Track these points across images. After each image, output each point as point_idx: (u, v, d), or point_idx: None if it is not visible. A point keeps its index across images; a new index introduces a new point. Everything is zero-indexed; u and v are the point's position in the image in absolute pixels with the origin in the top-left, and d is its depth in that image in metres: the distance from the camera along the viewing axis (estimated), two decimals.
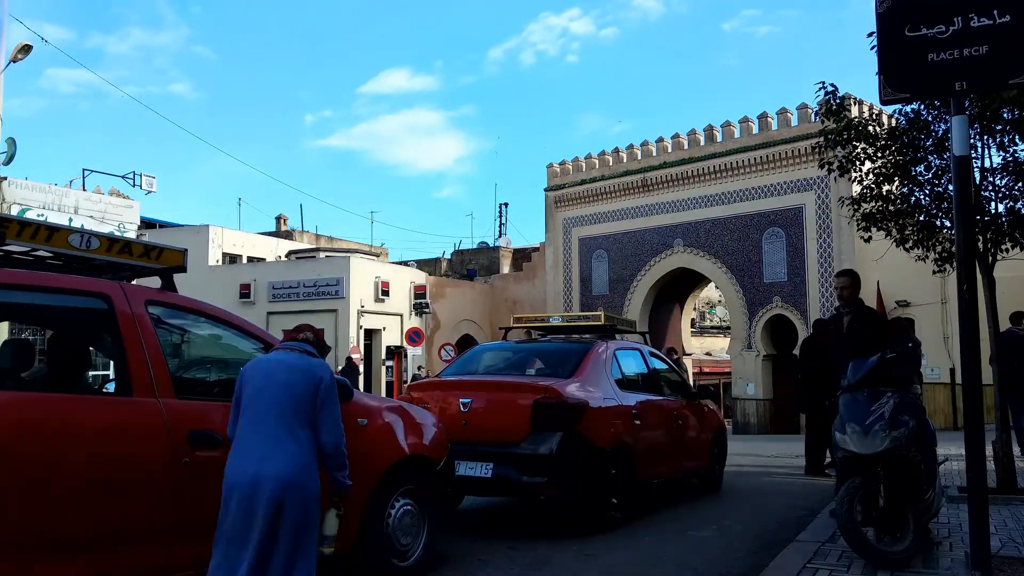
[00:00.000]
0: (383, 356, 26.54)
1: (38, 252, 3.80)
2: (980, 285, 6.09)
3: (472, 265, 37.41)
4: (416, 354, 26.12)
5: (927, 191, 8.00)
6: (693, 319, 36.45)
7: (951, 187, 6.28)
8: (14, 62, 15.97)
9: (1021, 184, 7.48)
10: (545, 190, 30.35)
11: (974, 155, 7.30)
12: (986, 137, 7.45)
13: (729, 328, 28.81)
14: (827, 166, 8.63)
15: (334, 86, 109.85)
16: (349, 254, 28.34)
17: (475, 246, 40.62)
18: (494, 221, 75.92)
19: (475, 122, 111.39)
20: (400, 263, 34.60)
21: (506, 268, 36.61)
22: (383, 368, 26.53)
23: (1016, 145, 7.46)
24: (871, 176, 8.37)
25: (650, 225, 27.14)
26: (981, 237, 7.31)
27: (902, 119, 8.10)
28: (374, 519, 4.50)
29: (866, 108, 17.05)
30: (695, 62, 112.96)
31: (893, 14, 4.45)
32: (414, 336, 25.92)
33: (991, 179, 7.60)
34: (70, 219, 19.19)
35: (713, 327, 41.91)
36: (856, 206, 8.63)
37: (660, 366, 8.28)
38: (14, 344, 4.74)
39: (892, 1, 4.47)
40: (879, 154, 8.16)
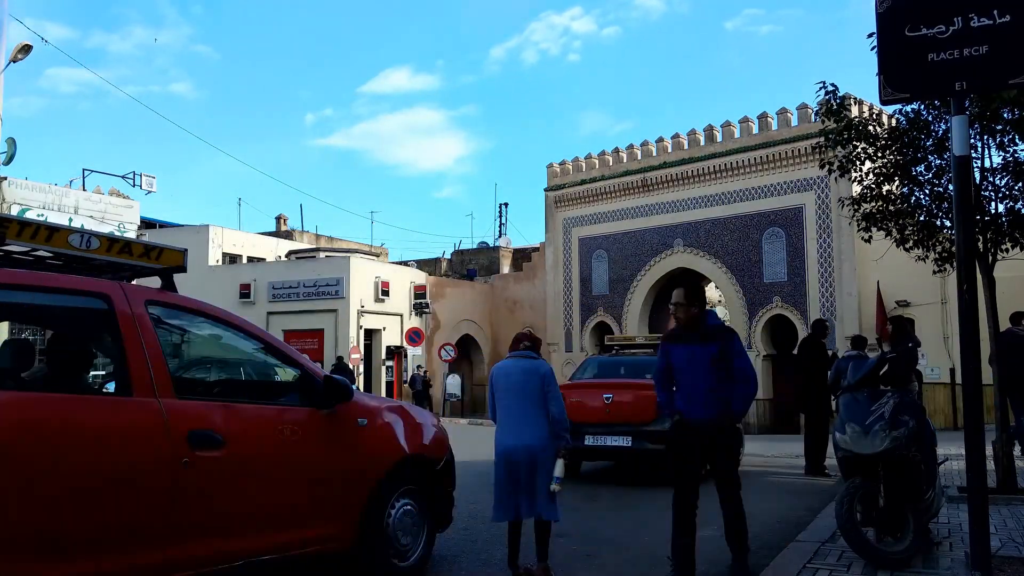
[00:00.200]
0: (383, 356, 26.54)
1: (38, 252, 3.80)
2: (980, 285, 6.10)
3: (472, 265, 37.43)
4: (416, 354, 26.14)
5: (927, 191, 8.01)
6: None
7: (951, 187, 6.28)
8: (14, 62, 15.98)
9: (1021, 184, 7.49)
10: (545, 190, 30.36)
11: (974, 155, 7.31)
12: (986, 137, 7.46)
13: None
14: (827, 166, 8.64)
15: (335, 85, 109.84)
16: (349, 254, 28.35)
17: (475, 246, 40.65)
18: (494, 221, 76.04)
19: (476, 122, 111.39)
20: (400, 263, 34.61)
21: (506, 268, 36.62)
22: (383, 368, 26.54)
23: (1016, 145, 7.47)
24: (871, 176, 8.38)
25: (650, 225, 27.15)
26: (981, 237, 7.31)
27: (902, 119, 8.11)
28: (374, 519, 4.53)
29: (866, 108, 17.05)
30: (697, 61, 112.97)
31: (893, 14, 4.45)
32: (414, 336, 25.94)
33: (991, 179, 7.60)
34: (70, 219, 19.20)
35: None
36: (856, 206, 8.63)
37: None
38: (14, 344, 4.73)
39: (892, 1, 4.47)
40: (879, 154, 8.17)
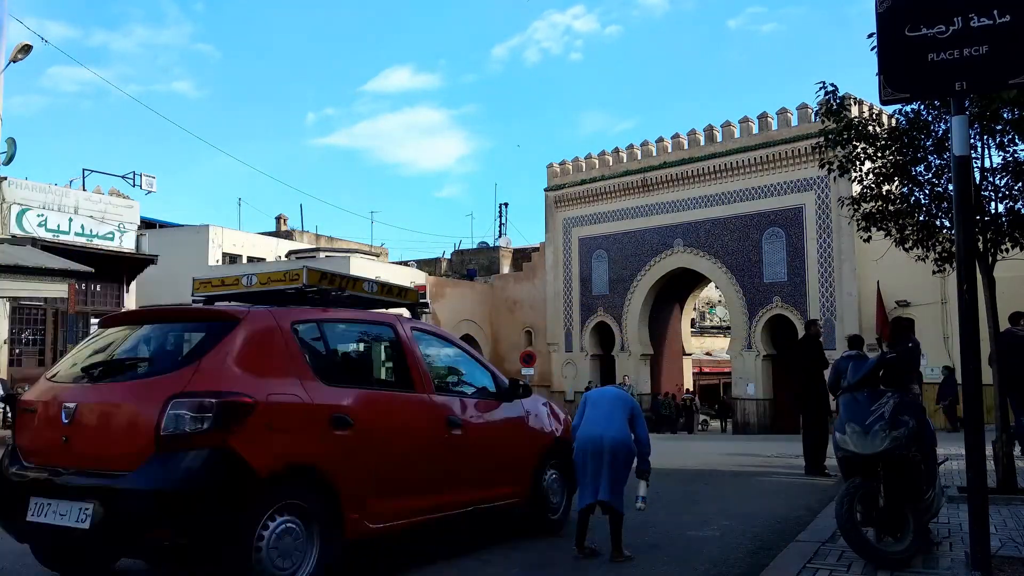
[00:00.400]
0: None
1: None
2: (980, 285, 6.10)
3: (472, 265, 37.43)
4: None
5: (927, 191, 8.01)
6: (693, 319, 36.47)
7: (951, 187, 6.28)
8: (14, 62, 15.98)
9: (1021, 184, 7.49)
10: (545, 190, 30.37)
11: (974, 155, 7.31)
12: (986, 137, 7.46)
13: (729, 328, 28.83)
14: (827, 166, 8.64)
15: (337, 84, 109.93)
16: (349, 254, 28.35)
17: (475, 246, 40.68)
18: (494, 221, 76.03)
19: (477, 121, 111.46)
20: (400, 263, 34.62)
21: (506, 268, 36.63)
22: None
23: (1016, 145, 7.46)
24: (871, 176, 8.37)
25: (650, 225, 27.16)
26: (981, 237, 7.31)
27: (902, 119, 8.10)
28: (538, 483, 6.14)
29: (866, 108, 17.05)
30: (700, 60, 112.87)
31: (893, 14, 4.45)
32: None
33: (991, 179, 7.60)
34: (70, 219, 19.19)
35: (713, 327, 41.93)
36: (856, 206, 8.63)
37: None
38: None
39: (892, 1, 4.47)
40: (879, 154, 8.17)
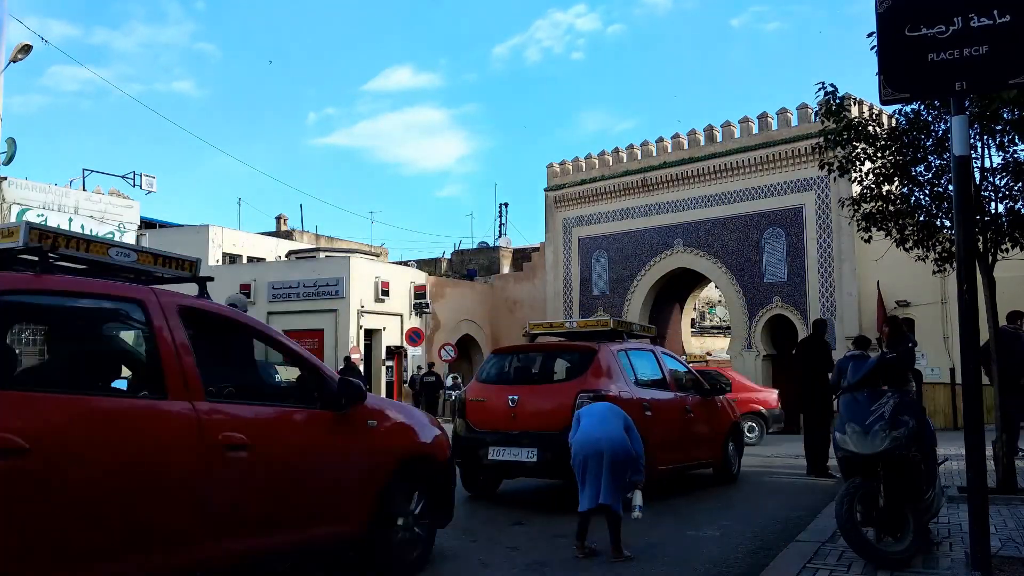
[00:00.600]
0: (383, 356, 26.53)
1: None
2: (980, 285, 6.10)
3: (472, 265, 37.42)
4: (416, 354, 26.11)
5: (927, 191, 8.01)
6: (693, 319, 36.44)
7: (951, 187, 6.28)
8: (14, 62, 15.98)
9: (1021, 184, 7.48)
10: (545, 190, 30.36)
11: (974, 155, 7.30)
12: (986, 137, 7.45)
13: (729, 328, 28.82)
14: (827, 166, 8.63)
15: (337, 84, 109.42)
16: (349, 254, 28.34)
17: (475, 246, 40.64)
18: (494, 221, 75.95)
19: (478, 120, 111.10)
20: (400, 263, 34.60)
21: (506, 268, 36.62)
22: (383, 368, 26.53)
23: (1016, 145, 7.46)
24: (871, 176, 8.37)
25: (650, 225, 27.15)
26: (981, 237, 7.31)
27: (902, 119, 8.10)
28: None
29: (866, 108, 17.05)
30: (703, 59, 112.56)
31: (893, 14, 4.45)
32: (414, 336, 25.92)
33: (991, 179, 7.60)
34: (70, 219, 19.21)
35: (713, 327, 41.89)
36: (856, 206, 8.63)
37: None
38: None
39: (892, 1, 4.47)
40: (879, 154, 8.16)
